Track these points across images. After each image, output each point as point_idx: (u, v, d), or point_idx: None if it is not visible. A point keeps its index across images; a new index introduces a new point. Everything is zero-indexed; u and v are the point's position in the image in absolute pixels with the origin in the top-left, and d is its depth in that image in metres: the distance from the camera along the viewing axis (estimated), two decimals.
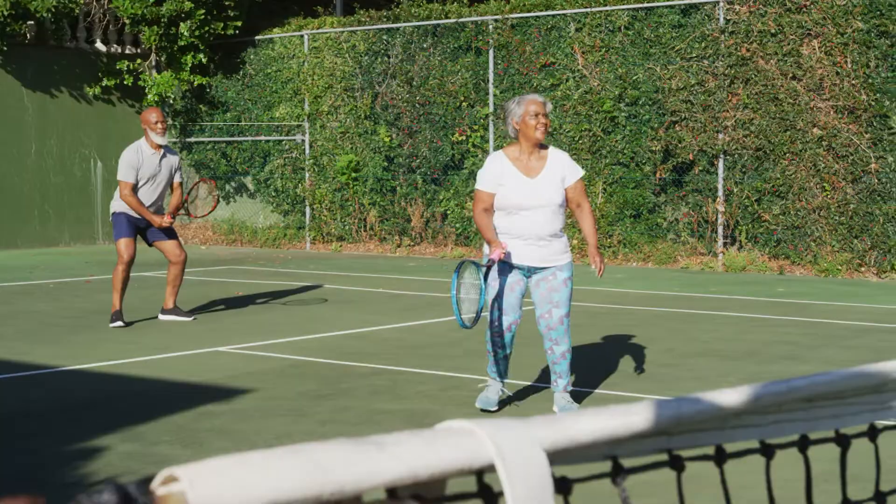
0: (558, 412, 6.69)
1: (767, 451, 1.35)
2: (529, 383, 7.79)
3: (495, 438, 0.96)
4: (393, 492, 0.94)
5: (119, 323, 10.48)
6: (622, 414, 1.11)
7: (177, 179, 10.90)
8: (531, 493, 0.96)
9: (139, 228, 10.74)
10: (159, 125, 10.58)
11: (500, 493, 0.99)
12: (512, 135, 6.88)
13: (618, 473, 1.15)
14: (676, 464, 1.23)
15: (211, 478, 0.80)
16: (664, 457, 1.22)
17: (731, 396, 1.24)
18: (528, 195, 6.72)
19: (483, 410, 6.99)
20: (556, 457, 1.03)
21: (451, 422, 0.99)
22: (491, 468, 0.97)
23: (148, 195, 10.64)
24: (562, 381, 6.87)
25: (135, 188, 10.53)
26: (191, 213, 11.27)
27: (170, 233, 10.83)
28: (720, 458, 1.30)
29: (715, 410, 1.21)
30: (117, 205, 10.68)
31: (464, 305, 6.67)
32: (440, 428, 0.98)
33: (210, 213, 11.45)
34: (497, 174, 6.76)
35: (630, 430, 1.11)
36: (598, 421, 1.08)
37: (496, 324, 6.85)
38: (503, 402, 7.19)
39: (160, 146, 10.65)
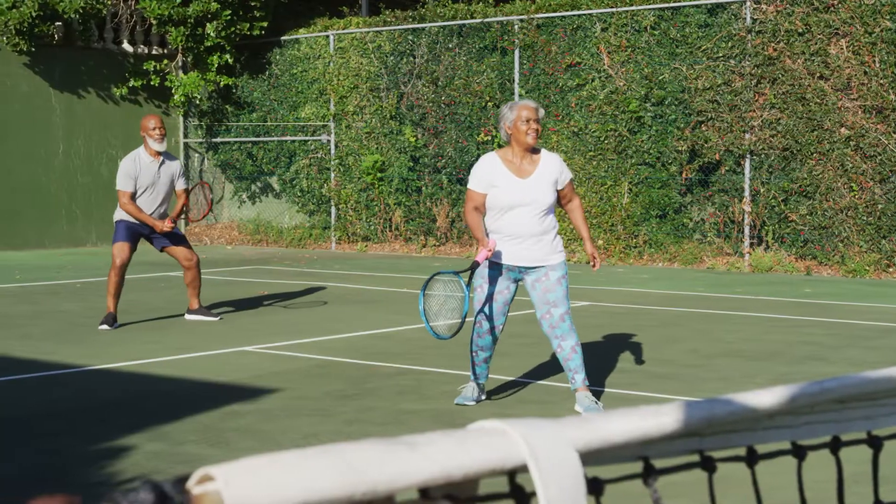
0: (584, 412, 6.60)
1: (799, 452, 1.35)
2: (548, 383, 7.78)
3: (528, 439, 0.96)
4: (425, 492, 0.94)
5: (105, 326, 10.39)
6: (654, 415, 1.10)
7: (179, 186, 10.83)
8: (564, 494, 0.96)
9: (144, 236, 10.74)
10: (157, 131, 10.53)
11: (533, 494, 0.99)
12: (504, 139, 7.02)
13: (649, 474, 1.14)
14: (708, 465, 1.23)
15: (246, 477, 0.80)
16: (696, 458, 1.21)
17: (762, 397, 1.23)
18: (519, 195, 6.83)
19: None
20: (589, 457, 1.03)
21: (484, 422, 0.99)
22: (523, 469, 0.97)
23: (148, 203, 10.60)
24: (578, 377, 6.88)
25: (134, 196, 10.53)
26: (190, 217, 11.25)
27: (176, 238, 10.80)
28: (752, 459, 1.29)
29: (747, 412, 1.21)
30: (118, 213, 10.69)
31: (439, 319, 6.82)
32: (473, 428, 0.98)
33: (204, 217, 11.43)
34: (490, 175, 6.87)
35: (662, 431, 1.10)
36: (630, 422, 1.07)
37: (480, 326, 6.99)
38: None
39: (159, 153, 10.64)
